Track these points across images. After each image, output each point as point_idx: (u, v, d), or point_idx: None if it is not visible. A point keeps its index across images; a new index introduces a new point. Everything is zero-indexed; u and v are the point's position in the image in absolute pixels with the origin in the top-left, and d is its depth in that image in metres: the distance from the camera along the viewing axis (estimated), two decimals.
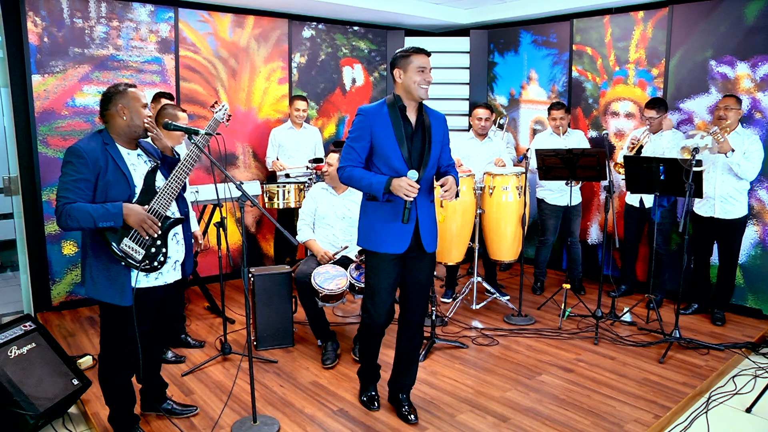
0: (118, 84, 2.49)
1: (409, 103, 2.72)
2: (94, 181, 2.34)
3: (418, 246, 2.75)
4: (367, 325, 2.89)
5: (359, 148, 2.69)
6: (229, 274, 5.29)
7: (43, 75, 4.28)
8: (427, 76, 2.66)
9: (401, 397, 2.99)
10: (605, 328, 4.15)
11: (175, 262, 2.59)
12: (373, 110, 2.70)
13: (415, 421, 2.91)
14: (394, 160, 2.66)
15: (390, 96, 2.74)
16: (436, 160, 2.78)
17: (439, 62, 6.28)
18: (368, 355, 3.02)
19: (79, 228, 2.29)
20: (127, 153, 2.48)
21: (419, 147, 2.72)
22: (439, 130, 2.78)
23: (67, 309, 4.52)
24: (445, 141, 2.84)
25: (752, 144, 3.97)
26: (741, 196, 4.09)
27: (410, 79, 2.65)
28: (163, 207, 2.45)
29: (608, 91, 5.21)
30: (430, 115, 2.78)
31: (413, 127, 2.73)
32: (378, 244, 2.72)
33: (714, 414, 3.12)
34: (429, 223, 2.78)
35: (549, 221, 4.90)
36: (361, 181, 2.66)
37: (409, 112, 2.73)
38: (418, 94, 2.67)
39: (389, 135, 2.66)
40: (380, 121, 2.67)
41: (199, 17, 4.98)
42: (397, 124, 2.66)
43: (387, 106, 2.70)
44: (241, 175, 5.36)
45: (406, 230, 2.69)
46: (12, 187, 4.24)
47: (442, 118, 2.84)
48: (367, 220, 2.78)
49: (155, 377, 2.88)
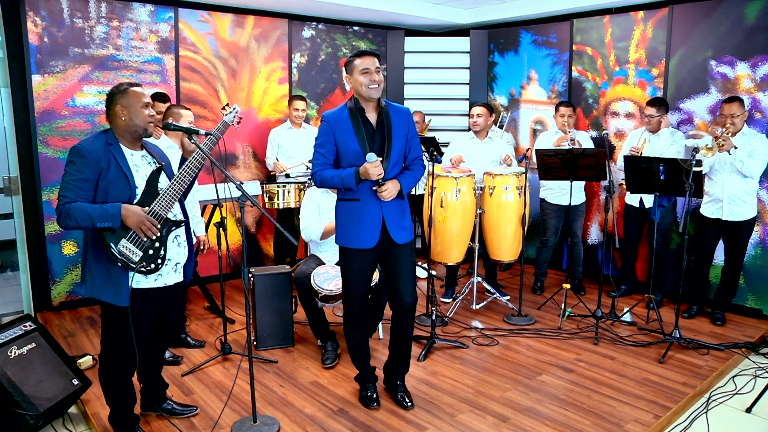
0: (120, 83, 2.48)
1: (366, 104, 2.82)
2: (95, 180, 2.34)
3: (389, 239, 2.87)
4: (347, 321, 3.05)
5: (326, 152, 2.83)
6: (229, 274, 5.29)
7: (43, 75, 4.28)
8: (373, 76, 2.74)
9: (397, 384, 3.12)
10: (605, 328, 4.15)
11: (176, 264, 2.58)
12: (334, 115, 2.83)
13: (411, 406, 3.04)
14: (356, 160, 2.78)
15: (350, 100, 2.86)
16: (399, 155, 2.88)
17: (439, 62, 6.29)
18: (359, 363, 3.13)
19: (77, 227, 2.29)
20: (130, 153, 2.48)
21: (380, 144, 2.82)
22: (402, 125, 2.88)
23: (67, 309, 4.52)
24: (410, 135, 2.92)
25: (758, 141, 3.96)
26: (750, 198, 4.05)
27: (356, 82, 2.77)
28: (164, 209, 2.44)
29: (608, 91, 5.21)
30: (392, 111, 2.87)
31: (374, 126, 2.84)
32: (349, 240, 2.87)
33: (714, 414, 3.12)
34: (396, 217, 2.88)
35: (550, 221, 4.89)
36: (333, 179, 2.80)
37: (369, 113, 2.85)
38: (366, 94, 2.77)
39: (350, 137, 2.79)
40: (341, 124, 2.80)
41: (199, 17, 4.98)
42: (356, 125, 2.79)
43: (347, 110, 2.83)
44: (241, 175, 5.36)
45: (373, 227, 2.83)
46: (12, 187, 4.24)
47: (406, 112, 2.92)
48: (339, 219, 2.93)
49: (156, 378, 2.88)
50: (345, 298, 3.02)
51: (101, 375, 2.61)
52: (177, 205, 2.57)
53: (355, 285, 2.95)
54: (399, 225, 2.89)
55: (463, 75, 6.27)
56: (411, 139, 2.92)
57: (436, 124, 6.18)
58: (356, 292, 2.96)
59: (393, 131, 2.82)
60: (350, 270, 2.94)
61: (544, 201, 4.93)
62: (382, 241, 2.87)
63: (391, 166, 2.81)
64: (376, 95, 2.78)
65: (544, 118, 5.70)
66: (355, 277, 2.94)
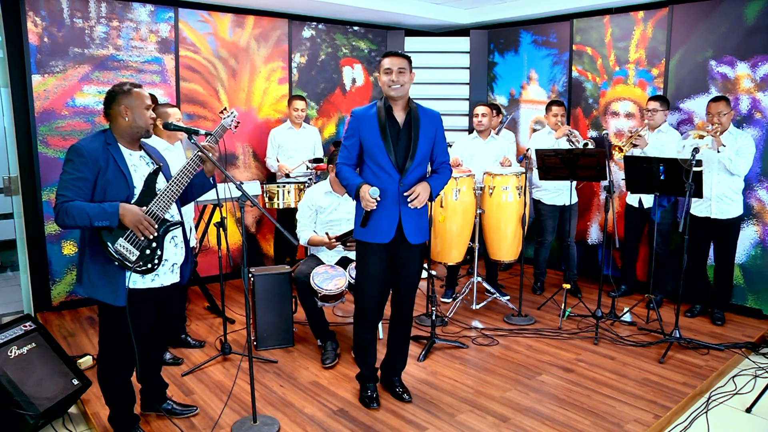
0: (123, 83, 2.47)
1: (394, 103, 2.86)
2: (94, 180, 2.34)
3: (403, 238, 2.89)
4: (357, 320, 3.04)
5: (350, 146, 2.90)
6: (229, 274, 5.29)
7: (43, 75, 4.28)
8: (393, 77, 2.79)
9: (394, 380, 3.17)
10: (605, 328, 4.15)
11: (173, 264, 2.58)
12: (362, 112, 2.90)
13: (410, 400, 3.10)
14: (380, 156, 2.83)
15: (381, 99, 2.90)
16: (424, 156, 2.90)
17: (439, 62, 6.29)
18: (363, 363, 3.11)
19: (75, 226, 2.30)
20: (129, 154, 2.48)
21: (405, 143, 2.83)
22: (430, 127, 2.90)
23: (67, 309, 4.52)
24: (438, 138, 2.95)
25: (744, 140, 4.02)
26: (737, 196, 4.11)
27: (381, 81, 2.84)
28: (161, 209, 2.44)
29: (608, 91, 5.21)
30: (421, 112, 2.90)
31: (401, 125, 2.87)
32: (365, 234, 2.90)
33: (714, 414, 3.12)
34: (413, 217, 2.91)
35: (547, 221, 4.89)
36: (343, 180, 2.91)
37: (396, 112, 2.87)
38: (387, 93, 2.83)
39: (375, 134, 2.83)
40: (367, 121, 2.85)
41: (199, 17, 4.98)
42: (382, 123, 2.82)
43: (375, 107, 2.88)
44: (241, 175, 5.36)
45: (390, 223, 2.86)
46: (12, 187, 4.24)
47: (436, 116, 2.95)
48: (358, 215, 2.96)
49: (155, 378, 2.88)
50: (357, 295, 3.02)
51: (100, 375, 2.61)
52: (174, 206, 2.57)
53: (368, 282, 2.95)
54: (415, 225, 2.91)
55: (463, 75, 6.27)
56: (438, 142, 2.95)
57: None
58: (369, 290, 2.96)
59: (420, 132, 2.85)
60: (365, 265, 2.95)
61: (539, 202, 4.93)
62: (397, 239, 2.89)
63: (414, 166, 2.84)
64: (396, 95, 2.81)
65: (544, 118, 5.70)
66: (369, 272, 2.94)
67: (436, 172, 2.99)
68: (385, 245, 2.90)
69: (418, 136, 2.84)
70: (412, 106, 2.88)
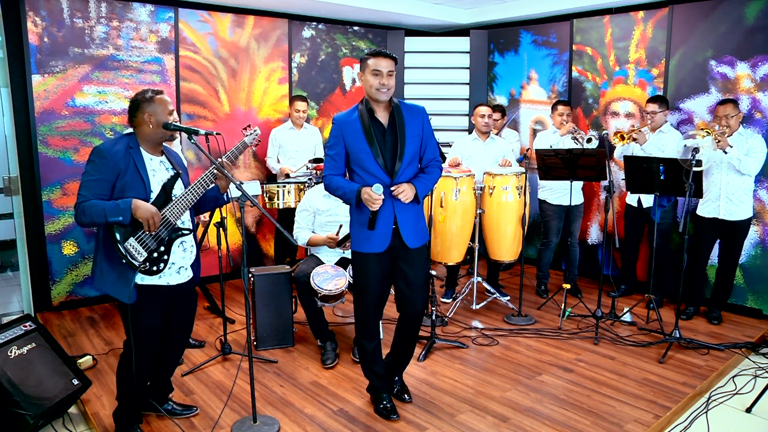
0: (145, 91, 2.54)
1: (376, 104, 2.73)
2: (113, 181, 2.42)
3: (401, 243, 2.79)
4: (359, 330, 2.95)
5: (335, 155, 2.76)
6: (229, 274, 5.29)
7: (43, 75, 4.28)
8: (383, 80, 2.64)
9: (395, 380, 3.14)
10: (605, 328, 4.15)
11: (180, 267, 2.63)
12: (343, 117, 2.76)
13: (410, 400, 3.09)
14: (367, 162, 2.71)
15: (361, 101, 2.78)
16: (413, 155, 2.78)
17: (439, 62, 6.29)
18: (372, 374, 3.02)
19: (92, 223, 2.37)
20: (149, 158, 2.54)
21: (392, 145, 2.73)
22: (416, 125, 2.77)
23: (67, 309, 4.52)
24: (425, 134, 2.81)
25: (755, 141, 3.99)
26: (746, 198, 4.07)
27: (366, 82, 2.68)
28: (174, 216, 2.51)
29: (608, 91, 5.21)
30: (404, 110, 2.77)
31: (385, 126, 2.74)
32: (361, 244, 2.81)
33: (714, 414, 3.12)
34: (411, 220, 2.80)
35: (552, 222, 4.85)
36: (337, 190, 2.77)
37: (379, 113, 2.75)
38: (373, 96, 2.68)
39: (360, 139, 2.70)
40: (350, 126, 2.72)
41: (199, 17, 4.98)
42: (366, 127, 2.70)
43: (357, 111, 2.75)
44: (241, 175, 5.36)
45: (385, 231, 2.75)
46: (12, 187, 4.25)
47: (420, 111, 2.81)
48: (353, 224, 2.86)
49: (163, 379, 2.90)
50: (357, 304, 2.91)
51: (119, 367, 2.67)
52: (187, 214, 2.63)
53: (368, 291, 2.84)
54: (413, 228, 2.80)
55: (463, 75, 6.26)
56: (426, 138, 2.81)
57: (436, 124, 6.16)
58: (369, 298, 2.86)
59: (406, 131, 2.73)
60: (362, 275, 2.84)
61: (544, 202, 4.89)
62: (395, 244, 2.79)
63: (404, 166, 2.73)
64: (385, 99, 2.69)
65: (544, 118, 5.70)
66: (367, 282, 2.83)
67: (424, 171, 2.83)
68: (383, 254, 2.79)
69: (404, 135, 2.71)
70: (394, 104, 2.76)
